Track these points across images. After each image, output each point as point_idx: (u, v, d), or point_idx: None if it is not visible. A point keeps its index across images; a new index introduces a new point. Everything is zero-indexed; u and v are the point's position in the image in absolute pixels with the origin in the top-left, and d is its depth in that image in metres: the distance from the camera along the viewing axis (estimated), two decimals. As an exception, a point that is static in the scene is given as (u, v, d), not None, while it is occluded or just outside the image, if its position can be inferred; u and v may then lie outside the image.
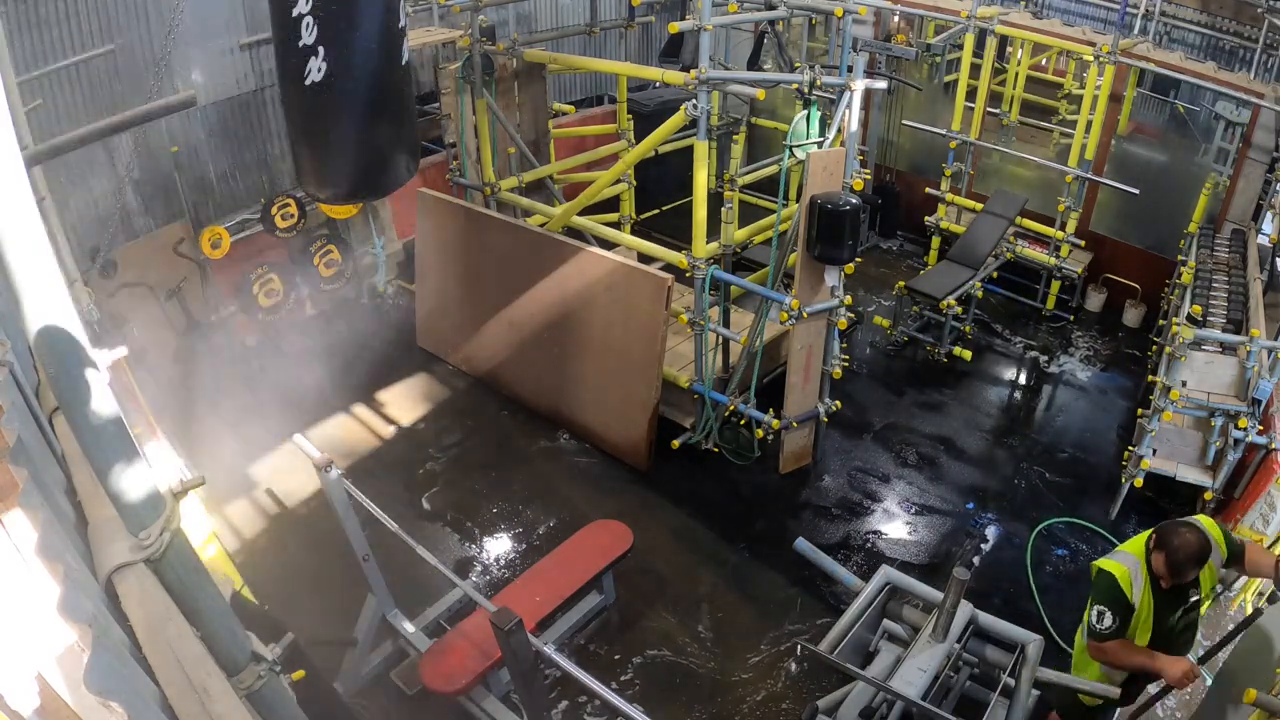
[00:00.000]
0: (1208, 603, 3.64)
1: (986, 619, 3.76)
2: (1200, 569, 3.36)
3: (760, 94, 5.32)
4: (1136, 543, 3.57)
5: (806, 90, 5.24)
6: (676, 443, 6.22)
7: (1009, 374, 7.59)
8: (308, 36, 3.91)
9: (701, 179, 5.53)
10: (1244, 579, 4.90)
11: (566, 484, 6.07)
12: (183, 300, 6.67)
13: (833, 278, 5.48)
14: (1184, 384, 5.22)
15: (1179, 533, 3.32)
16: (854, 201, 5.18)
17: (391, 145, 4.43)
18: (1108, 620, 3.47)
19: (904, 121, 9.62)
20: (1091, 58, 7.36)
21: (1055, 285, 8.20)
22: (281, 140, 7.63)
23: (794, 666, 4.75)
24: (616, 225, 7.71)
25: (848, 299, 5.62)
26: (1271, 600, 3.47)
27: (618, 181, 7.42)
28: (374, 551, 4.04)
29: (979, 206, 8.19)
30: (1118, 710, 3.89)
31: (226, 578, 3.86)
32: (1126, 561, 3.51)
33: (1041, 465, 6.35)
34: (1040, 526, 5.75)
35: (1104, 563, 3.57)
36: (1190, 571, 3.34)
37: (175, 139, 6.92)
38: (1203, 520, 3.51)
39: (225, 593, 1.72)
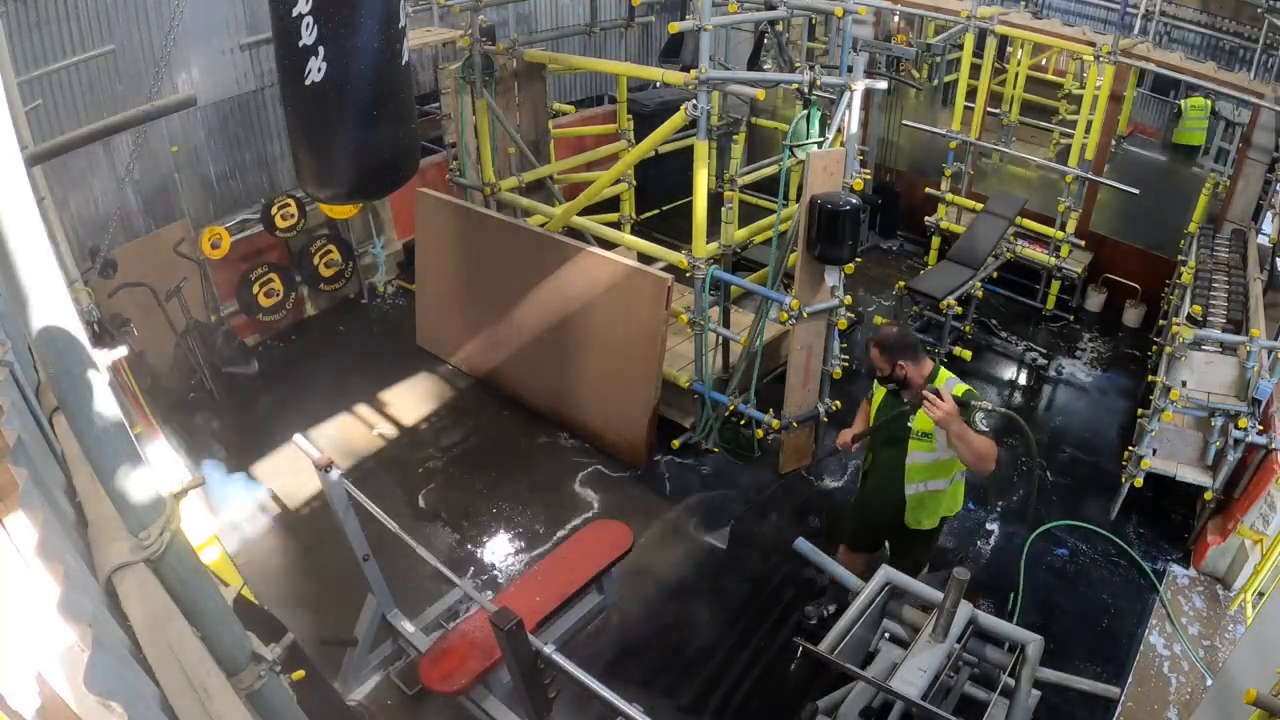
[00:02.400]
0: (921, 446, 3.98)
1: (986, 619, 3.76)
2: (887, 359, 3.90)
3: (760, 94, 5.32)
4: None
5: (806, 90, 5.24)
6: (676, 443, 6.22)
7: (1009, 374, 7.59)
8: (308, 36, 3.90)
9: (701, 179, 5.53)
10: (1244, 578, 4.91)
11: (566, 484, 6.07)
12: (183, 300, 6.67)
13: (833, 278, 5.48)
14: (1184, 384, 5.22)
15: (880, 328, 4.12)
16: (854, 201, 5.18)
17: (391, 145, 4.42)
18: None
19: (904, 122, 9.63)
20: (1091, 58, 7.36)
21: (1055, 285, 8.20)
22: (281, 140, 7.63)
23: (793, 667, 4.75)
24: (616, 225, 7.71)
25: (848, 299, 5.62)
26: None
27: (618, 181, 7.42)
28: (374, 551, 4.04)
29: (979, 206, 8.19)
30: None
31: (229, 585, 3.86)
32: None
33: (1041, 465, 6.35)
34: (1036, 531, 5.74)
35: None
36: (871, 346, 3.99)
37: (175, 139, 6.92)
38: (957, 382, 3.87)
39: (227, 595, 1.72)
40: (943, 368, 4.00)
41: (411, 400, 6.94)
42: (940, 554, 5.51)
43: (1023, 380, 7.52)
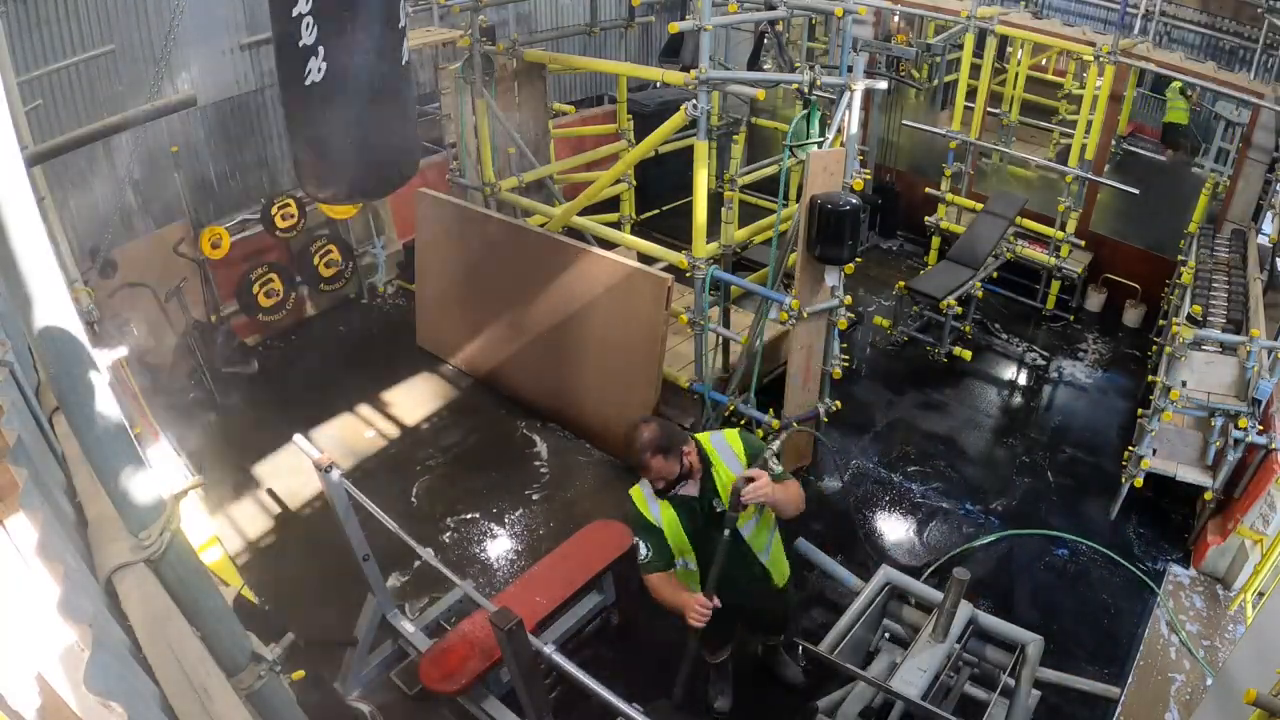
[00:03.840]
0: (748, 517, 3.42)
1: (986, 619, 3.77)
2: (660, 458, 3.16)
3: (760, 94, 5.31)
4: None
5: (806, 90, 5.23)
6: (676, 443, 6.21)
7: (1009, 374, 7.59)
8: (308, 36, 3.90)
9: (701, 179, 5.53)
10: (1244, 578, 4.91)
11: (566, 484, 6.07)
12: (183, 300, 6.67)
13: (833, 278, 5.48)
14: (1184, 384, 5.22)
15: (630, 429, 3.23)
16: (854, 201, 5.18)
17: (391, 145, 4.42)
18: (642, 550, 3.39)
19: (904, 122, 9.63)
20: (1091, 58, 7.36)
21: (1055, 285, 8.20)
22: (281, 140, 7.63)
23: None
24: (617, 225, 7.71)
25: (848, 299, 5.61)
26: None
27: (618, 181, 7.42)
28: (374, 551, 4.04)
29: (979, 206, 8.19)
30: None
31: (229, 585, 3.86)
32: (642, 481, 3.36)
33: (1041, 465, 6.35)
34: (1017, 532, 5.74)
35: (633, 490, 3.43)
36: (650, 462, 3.15)
37: (175, 139, 6.92)
38: (727, 433, 3.40)
39: (227, 595, 1.72)
40: (691, 434, 3.43)
41: (411, 400, 6.94)
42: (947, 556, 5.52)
43: (1023, 380, 7.52)
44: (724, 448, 3.39)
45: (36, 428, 2.00)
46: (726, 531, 3.26)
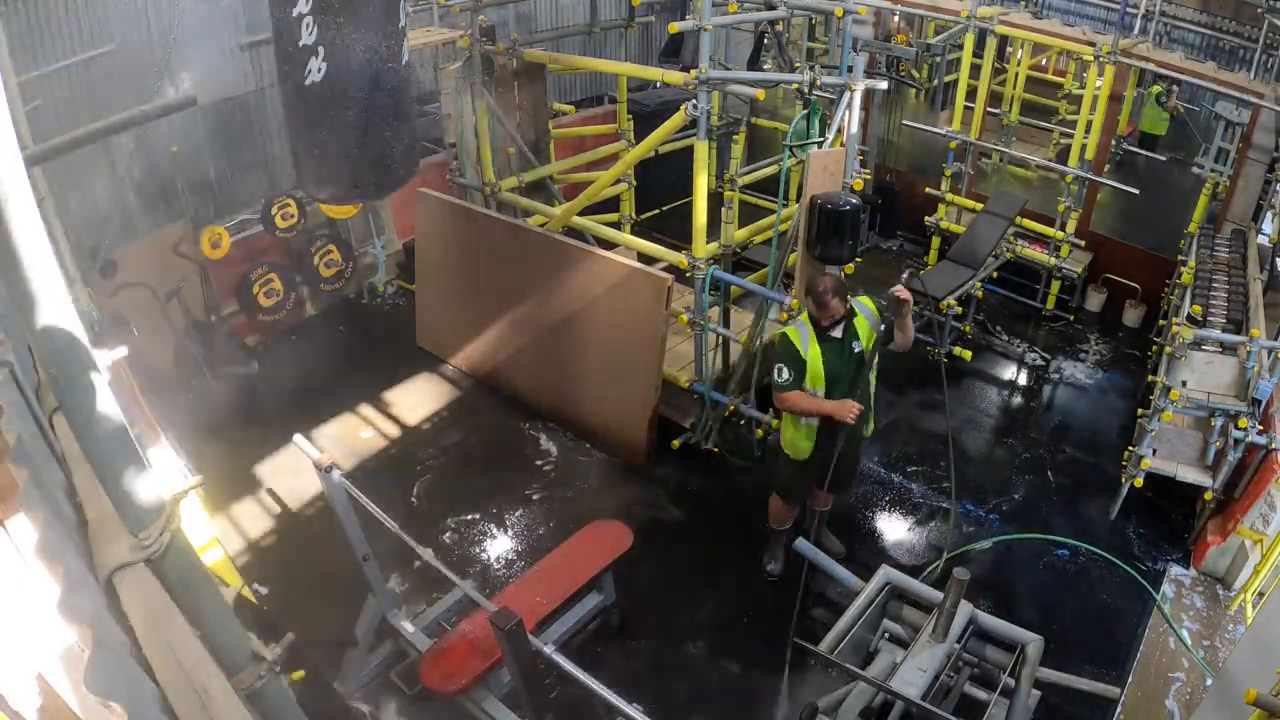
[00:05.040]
0: (873, 357, 4.43)
1: (986, 619, 3.77)
2: (837, 299, 4.25)
3: (760, 94, 5.32)
4: (804, 314, 4.48)
5: (806, 90, 5.23)
6: (676, 443, 6.22)
7: (1009, 374, 7.59)
8: (308, 36, 3.90)
9: (701, 179, 5.53)
10: (1244, 578, 4.91)
11: (567, 484, 6.07)
12: (183, 300, 6.67)
13: (833, 278, 5.48)
14: (1184, 384, 5.22)
15: (813, 279, 4.42)
16: (854, 201, 5.18)
17: (391, 145, 4.42)
18: (785, 374, 4.35)
19: (904, 122, 9.63)
20: (1091, 58, 7.36)
21: (1055, 285, 8.20)
22: (281, 140, 7.63)
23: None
24: (617, 225, 7.71)
25: (848, 299, 5.62)
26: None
27: (618, 181, 7.42)
28: (374, 551, 4.04)
29: (979, 206, 8.19)
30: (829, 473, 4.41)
31: (229, 585, 3.86)
32: (796, 324, 4.42)
33: (1041, 465, 6.35)
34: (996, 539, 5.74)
35: (780, 330, 4.48)
36: (830, 301, 4.23)
37: (175, 139, 6.92)
38: (862, 298, 4.52)
39: (227, 595, 1.72)
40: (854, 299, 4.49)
41: (411, 400, 6.94)
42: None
43: (1023, 380, 7.52)
44: (861, 306, 4.45)
45: (36, 428, 2.00)
46: (869, 355, 4.40)
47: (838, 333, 4.37)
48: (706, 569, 5.41)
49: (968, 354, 7.47)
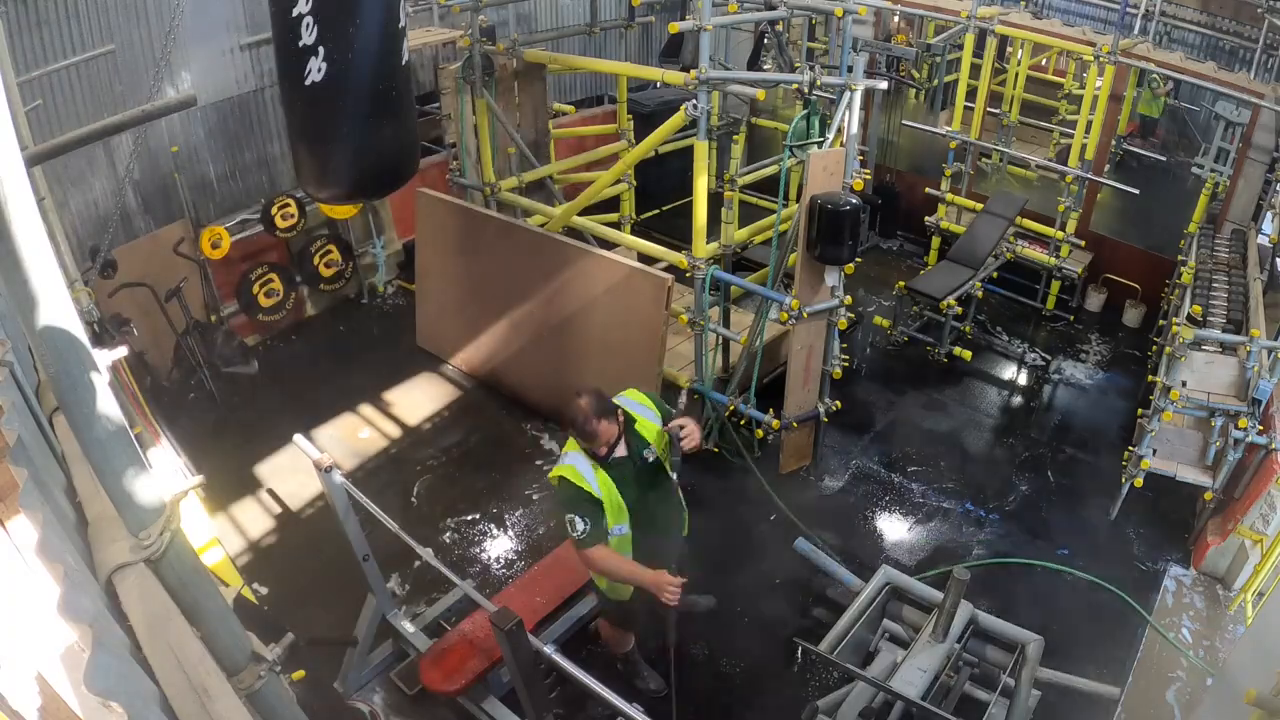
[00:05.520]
0: (669, 464, 3.68)
1: (986, 619, 3.77)
2: (605, 420, 3.42)
3: (760, 94, 5.32)
4: (571, 444, 3.61)
5: (806, 90, 5.24)
6: (676, 443, 6.21)
7: (1009, 374, 7.59)
8: (308, 36, 3.90)
9: (701, 179, 5.53)
10: (1244, 578, 4.91)
11: (566, 484, 6.06)
12: (183, 300, 6.67)
13: (833, 278, 5.48)
14: (1184, 384, 5.22)
15: (569, 405, 3.44)
16: (854, 201, 5.18)
17: (391, 145, 4.42)
18: (581, 526, 3.46)
19: (904, 122, 9.63)
20: (1091, 58, 7.36)
21: (1055, 285, 8.20)
22: (281, 140, 7.63)
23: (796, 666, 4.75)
24: (617, 225, 7.71)
25: (848, 299, 5.62)
26: None
27: (618, 181, 7.42)
28: (374, 551, 4.04)
29: (979, 206, 8.19)
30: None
31: (229, 586, 3.86)
32: (570, 459, 3.55)
33: (1041, 465, 6.35)
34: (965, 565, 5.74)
35: (555, 471, 3.60)
36: (597, 427, 3.40)
37: (175, 139, 6.92)
38: (629, 393, 3.75)
39: (227, 595, 1.72)
40: (618, 397, 3.72)
41: (412, 400, 6.94)
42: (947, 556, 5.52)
43: (1023, 381, 7.52)
44: (634, 404, 3.69)
45: (36, 428, 2.00)
46: (674, 475, 3.66)
47: (621, 451, 3.59)
48: (706, 569, 5.40)
49: (968, 354, 7.47)
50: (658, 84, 8.90)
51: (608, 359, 6.09)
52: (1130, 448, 5.67)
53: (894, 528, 5.77)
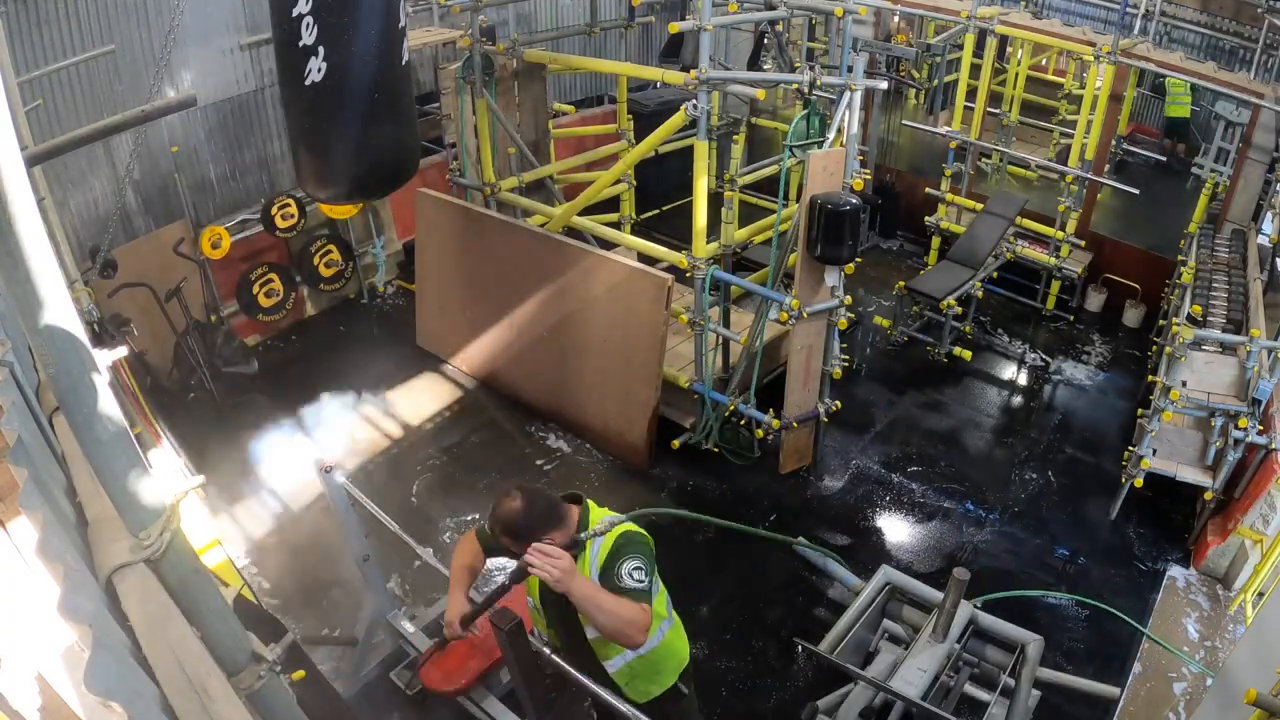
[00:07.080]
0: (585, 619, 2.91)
1: (986, 619, 3.77)
2: (506, 539, 2.78)
3: (760, 94, 5.31)
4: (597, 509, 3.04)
5: (806, 90, 5.24)
6: (676, 443, 6.21)
7: (1009, 374, 7.59)
8: (308, 36, 3.90)
9: (701, 179, 5.53)
10: (1244, 578, 4.91)
11: (567, 484, 6.06)
12: (183, 300, 6.67)
13: (833, 278, 5.48)
14: (1184, 384, 5.22)
15: (500, 496, 2.76)
16: (854, 201, 5.18)
17: (391, 145, 4.42)
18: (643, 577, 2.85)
19: (904, 122, 9.63)
20: (1091, 58, 7.36)
21: (1055, 285, 8.20)
22: (281, 140, 7.63)
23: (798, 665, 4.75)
24: (616, 225, 7.71)
25: (848, 299, 5.62)
26: None
27: (618, 181, 7.42)
28: (374, 552, 4.04)
29: (979, 206, 8.19)
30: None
31: (229, 586, 3.86)
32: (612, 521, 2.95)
33: (1042, 465, 6.36)
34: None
35: (629, 528, 2.99)
36: (504, 544, 2.82)
37: (175, 139, 6.92)
38: (618, 529, 2.89)
39: (227, 596, 1.72)
40: (593, 506, 2.97)
41: (412, 400, 6.94)
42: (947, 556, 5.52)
43: (1023, 381, 7.52)
44: (598, 539, 2.87)
45: (36, 428, 2.00)
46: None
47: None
48: (707, 569, 5.41)
49: (968, 354, 7.47)
50: (658, 84, 8.90)
51: (608, 359, 6.09)
52: (1130, 447, 5.68)
53: (894, 528, 5.77)
